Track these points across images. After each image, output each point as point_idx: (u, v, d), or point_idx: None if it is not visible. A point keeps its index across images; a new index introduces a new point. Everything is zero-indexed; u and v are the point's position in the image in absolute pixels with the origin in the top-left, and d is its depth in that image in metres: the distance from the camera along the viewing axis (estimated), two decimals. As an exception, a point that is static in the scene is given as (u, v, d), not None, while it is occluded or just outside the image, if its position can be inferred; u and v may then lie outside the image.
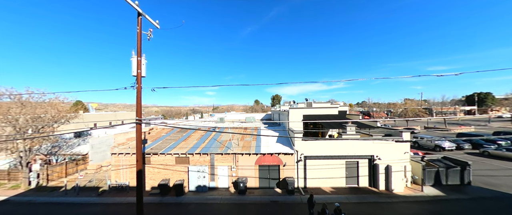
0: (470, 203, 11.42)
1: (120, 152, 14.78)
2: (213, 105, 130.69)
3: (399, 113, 58.78)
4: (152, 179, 14.57)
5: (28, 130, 16.77)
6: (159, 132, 19.92)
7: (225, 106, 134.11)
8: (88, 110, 48.78)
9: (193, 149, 14.88)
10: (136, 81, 8.05)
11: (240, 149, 14.74)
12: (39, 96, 17.29)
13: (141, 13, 7.99)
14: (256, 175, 14.42)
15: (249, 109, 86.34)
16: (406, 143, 13.78)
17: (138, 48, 8.06)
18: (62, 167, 17.96)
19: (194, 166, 14.26)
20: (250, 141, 16.46)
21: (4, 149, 16.17)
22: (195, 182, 14.20)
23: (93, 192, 14.34)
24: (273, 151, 14.29)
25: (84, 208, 12.29)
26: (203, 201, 12.72)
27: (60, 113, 17.86)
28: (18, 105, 16.19)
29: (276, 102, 76.23)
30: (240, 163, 14.39)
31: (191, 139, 17.37)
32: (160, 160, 14.56)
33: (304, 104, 19.28)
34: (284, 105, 35.12)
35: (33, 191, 15.04)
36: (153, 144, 16.26)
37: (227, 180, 14.47)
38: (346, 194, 12.97)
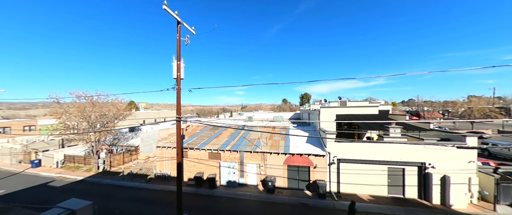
0: None
1: (163, 146, 16.79)
2: (241, 105, 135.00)
3: (460, 113, 48.45)
4: (189, 171, 16.03)
5: (97, 124, 20.78)
6: (195, 129, 21.74)
7: (253, 106, 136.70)
8: (138, 108, 57.04)
9: (224, 146, 15.69)
10: (176, 83, 8.96)
11: (269, 148, 14.77)
12: (104, 97, 21.20)
13: (180, 21, 8.83)
14: (285, 175, 14.21)
15: (276, 108, 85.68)
16: (472, 150, 11.26)
17: (177, 54, 8.94)
18: (120, 156, 21.54)
19: (225, 162, 15.02)
20: (279, 140, 16.31)
21: (82, 140, 20.48)
22: (226, 177, 14.96)
23: (142, 179, 16.73)
24: (302, 151, 13.80)
25: (136, 192, 14.47)
26: (233, 196, 13.29)
27: (119, 111, 21.48)
28: (90, 105, 20.21)
29: (305, 101, 73.29)
30: (269, 161, 14.42)
31: (222, 136, 18.35)
32: (196, 155, 15.88)
33: (337, 103, 17.91)
34: (313, 104, 33.47)
35: (100, 174, 18.54)
36: (189, 140, 17.86)
37: (255, 177, 14.73)
38: (388, 205, 11.49)
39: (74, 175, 18.21)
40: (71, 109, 19.86)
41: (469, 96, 56.10)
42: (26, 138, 27.94)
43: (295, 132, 18.34)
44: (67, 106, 20.12)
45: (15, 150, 23.18)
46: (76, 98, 20.17)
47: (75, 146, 24.90)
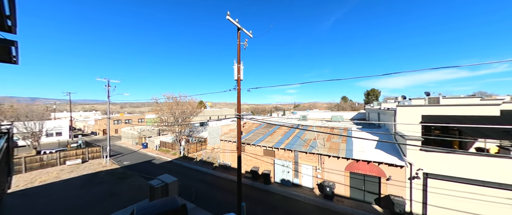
0: None
1: (225, 139, 19.13)
2: (294, 103, 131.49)
3: None
4: (245, 164, 17.41)
5: (179, 119, 26.52)
6: (250, 126, 23.33)
7: (306, 104, 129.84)
8: (206, 107, 67.73)
9: (278, 144, 15.90)
10: (236, 84, 9.95)
11: (327, 150, 13.59)
12: (184, 98, 26.76)
13: (240, 28, 9.71)
14: (346, 183, 12.60)
15: (334, 107, 77.09)
16: None
17: (238, 57, 9.89)
18: (194, 145, 26.44)
19: (279, 160, 15.18)
20: (339, 142, 14.66)
21: (170, 131, 26.77)
22: (279, 175, 15.11)
23: (209, 166, 19.79)
24: (370, 158, 11.73)
25: (205, 176, 17.31)
26: (287, 194, 13.23)
27: (193, 109, 26.48)
28: (175, 104, 26.08)
29: (372, 98, 61.54)
30: (326, 165, 13.28)
31: (276, 134, 18.64)
32: (252, 150, 17.02)
33: (424, 101, 13.83)
34: (385, 102, 27.67)
35: (182, 158, 23.52)
36: (246, 136, 19.37)
37: (311, 180, 13.97)
38: (520, 251, 7.75)
39: (166, 157, 24.12)
40: (164, 107, 26.45)
41: None
42: (139, 127, 39.77)
43: (360, 134, 15.84)
44: (162, 105, 26.95)
45: (134, 135, 33.52)
46: (167, 99, 26.64)
47: (166, 134, 32.92)
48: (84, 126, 58.90)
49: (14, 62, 4.82)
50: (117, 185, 15.21)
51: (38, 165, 19.38)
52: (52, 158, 20.22)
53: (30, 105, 30.06)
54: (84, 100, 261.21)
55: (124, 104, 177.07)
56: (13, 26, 2.70)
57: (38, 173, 18.05)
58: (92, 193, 13.71)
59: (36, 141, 24.09)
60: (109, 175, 17.60)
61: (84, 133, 50.15)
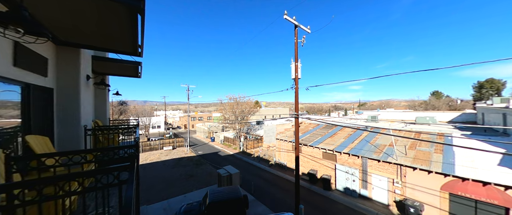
0: None
1: (281, 139, 19.26)
2: (359, 101, 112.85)
3: None
4: (302, 166, 16.73)
5: (239, 117, 29.30)
6: (307, 126, 22.21)
7: (376, 102, 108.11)
8: (261, 106, 70.96)
9: (340, 148, 14.20)
10: (294, 83, 9.73)
11: (410, 161, 10.73)
12: (242, 98, 29.30)
13: (297, 25, 9.42)
14: (443, 207, 9.43)
15: (420, 105, 59.29)
16: None
17: (295, 55, 9.63)
18: (252, 142, 28.37)
19: (342, 166, 13.52)
20: (430, 152, 11.20)
21: (232, 128, 30.10)
22: (342, 183, 13.45)
23: (266, 163, 20.58)
24: (491, 178, 8.19)
25: (262, 172, 18.15)
26: (352, 206, 11.58)
27: (251, 108, 28.49)
28: (236, 104, 29.00)
29: (488, 93, 42.49)
30: (409, 179, 10.49)
31: (338, 136, 16.71)
32: (309, 151, 16.15)
33: None
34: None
35: (241, 153, 25.86)
36: (302, 136, 18.61)
37: (386, 194, 11.51)
38: None
39: (228, 150, 27.33)
40: (227, 106, 30.09)
41: None
42: (208, 123, 47.31)
43: (468, 143, 11.36)
44: (225, 105, 30.77)
45: (204, 130, 40.20)
46: (229, 100, 30.14)
47: (228, 131, 37.34)
48: (172, 122, 77.17)
49: (139, 76, 6.96)
50: (195, 169, 18.81)
51: (148, 148, 27.24)
52: (156, 144, 27.82)
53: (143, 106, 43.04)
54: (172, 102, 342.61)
55: (197, 104, 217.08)
56: (141, 51, 3.91)
57: (148, 154, 25.38)
58: (180, 173, 17.71)
59: (147, 131, 34.00)
60: (189, 160, 22.08)
61: (172, 127, 65.76)
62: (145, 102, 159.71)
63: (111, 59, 5.39)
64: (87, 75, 4.82)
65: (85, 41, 3.58)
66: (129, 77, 7.20)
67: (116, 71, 6.53)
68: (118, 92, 7.10)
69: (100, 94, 6.72)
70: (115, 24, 2.79)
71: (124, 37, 3.31)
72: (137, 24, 2.70)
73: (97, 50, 4.23)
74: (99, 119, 6.38)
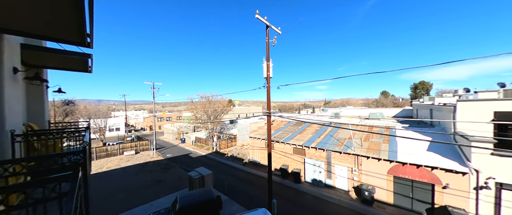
0: None
1: (254, 137, 19.54)
2: (324, 100, 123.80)
3: None
4: (274, 162, 17.40)
5: (212, 117, 28.41)
6: (279, 124, 23.15)
7: (338, 101, 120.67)
8: (234, 105, 70.36)
9: (308, 142, 15.31)
10: (266, 81, 9.98)
11: (365, 151, 12.37)
12: (215, 97, 28.51)
13: (268, 25, 9.68)
14: (389, 188, 11.24)
15: (372, 103, 69.06)
16: None
17: (267, 55, 9.89)
18: (225, 142, 27.91)
19: (310, 159, 14.62)
20: (379, 143, 13.15)
21: (204, 128, 28.98)
22: (310, 175, 14.56)
23: (239, 162, 20.58)
24: (422, 161, 10.14)
25: (235, 171, 18.10)
26: (319, 195, 12.67)
27: (224, 107, 27.95)
28: (208, 103, 28.01)
29: (421, 93, 52.58)
30: (364, 167, 12.11)
31: (306, 132, 17.97)
32: (281, 148, 16.89)
33: (498, 94, 11.05)
34: (439, 96, 23.32)
35: (214, 153, 25.17)
36: (274, 134, 19.31)
37: (346, 182, 13.00)
38: None
39: (200, 151, 26.23)
40: (198, 105, 28.77)
41: None
42: (178, 124, 44.34)
43: (407, 133, 13.82)
44: (196, 104, 29.36)
45: (173, 131, 37.54)
46: (200, 99, 28.88)
47: (200, 131, 35.80)
48: (135, 123, 69.22)
49: (89, 71, 6.00)
50: (162, 174, 17.37)
51: (105, 154, 23.78)
52: (114, 149, 24.49)
53: (97, 106, 37.28)
54: (134, 101, 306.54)
55: (165, 104, 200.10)
56: (91, 42, 3.36)
57: (105, 161, 22.17)
58: (145, 179, 16.05)
59: (102, 135, 29.62)
60: (156, 165, 20.26)
61: (135, 129, 58.99)
62: (99, 101, 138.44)
63: (49, 49, 4.44)
64: (14, 67, 3.87)
65: (12, 25, 2.86)
66: (78, 72, 6.11)
67: (58, 64, 5.44)
68: (60, 90, 5.92)
69: (35, 92, 5.49)
70: (51, 5, 2.32)
71: (66, 24, 2.79)
72: (83, 7, 2.30)
73: (31, 37, 3.43)
74: (34, 121, 5.23)
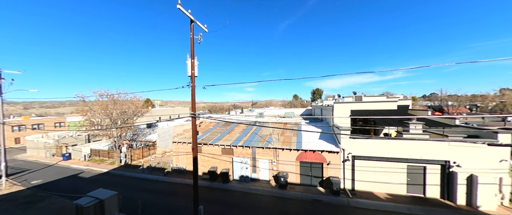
0: None
1: (178, 141, 17.52)
2: (252, 101, 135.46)
3: (491, 108, 44.43)
4: (203, 166, 16.61)
5: (118, 121, 22.20)
6: (208, 125, 22.34)
7: (263, 102, 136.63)
8: (154, 106, 59.71)
9: (236, 142, 15.98)
10: (190, 80, 9.24)
11: (281, 144, 14.78)
12: (124, 95, 22.50)
13: (193, 20, 9.01)
14: (297, 171, 14.18)
15: (287, 104, 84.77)
16: (505, 148, 10.34)
17: (191, 52, 9.18)
18: (140, 151, 22.89)
19: (238, 157, 15.32)
20: (291, 136, 16.23)
21: (105, 135, 22.05)
22: (238, 172, 15.30)
23: (160, 172, 17.68)
24: (315, 148, 13.63)
25: (155, 184, 15.37)
26: (246, 190, 13.59)
27: (137, 108, 22.73)
28: (112, 103, 21.60)
29: (316, 97, 71.58)
30: (281, 157, 14.46)
31: (234, 132, 18.67)
32: (209, 150, 16.38)
33: (352, 98, 17.29)
34: (326, 99, 32.62)
35: (123, 167, 19.90)
36: (203, 135, 18.43)
37: (268, 173, 14.88)
38: (407, 204, 11.04)
39: (100, 168, 19.75)
40: (95, 106, 21.39)
41: (501, 89, 51.16)
42: (57, 133, 30.70)
43: (307, 128, 18.10)
44: (92, 104, 21.70)
45: (49, 144, 25.61)
46: (99, 97, 21.68)
47: (99, 141, 26.89)
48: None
49: None
50: (22, 213, 11.26)
51: None
52: None
53: None
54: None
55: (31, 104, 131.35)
56: None
57: None
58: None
59: None
60: (9, 201, 12.78)
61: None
62: None
63: None
64: None
65: None
66: None
67: None
68: None
69: None
70: None
71: None
72: None
73: None
74: None
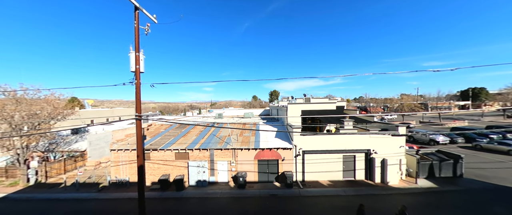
0: (462, 195, 11.88)
1: (119, 148, 14.78)
2: (211, 101, 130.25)
3: (395, 108, 59.70)
4: (152, 175, 14.67)
5: (24, 127, 16.59)
6: (158, 128, 19.89)
7: (223, 102, 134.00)
8: (84, 106, 48.23)
9: (192, 145, 14.96)
10: (134, 77, 8.01)
11: (239, 144, 14.88)
12: (34, 92, 17.01)
13: (138, 7, 7.86)
14: (255, 170, 14.64)
15: (247, 105, 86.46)
16: (402, 137, 14.11)
17: (136, 43, 7.97)
18: (61, 164, 17.89)
19: (194, 161, 14.38)
20: (249, 136, 16.61)
21: (3, 147, 16.01)
22: (195, 177, 14.36)
23: (93, 188, 14.39)
24: (272, 146, 14.47)
25: (84, 204, 12.37)
26: (203, 195, 12.92)
27: (56, 109, 17.64)
28: (13, 102, 15.94)
29: (274, 98, 76.46)
30: (239, 158, 14.56)
31: (190, 134, 17.43)
32: (160, 156, 14.63)
33: (303, 100, 19.43)
34: (282, 101, 35.25)
35: (32, 188, 15.02)
36: (152, 140, 16.27)
37: (226, 174, 14.67)
38: (343, 187, 13.32)
39: (-11, 193, 14.15)
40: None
41: (401, 94, 69.81)
42: None
43: (265, 127, 19.01)
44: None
45: None
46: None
47: (-12, 155, 19.22)
48: None
49: None
50: None
51: None
52: None
53: None
54: None
55: None
56: None
57: None
58: None
59: None
60: None
61: None
62: None
63: None
64: None
65: None
66: None
67: None
68: None
69: None
70: None
71: None
72: None
73: None
74: None
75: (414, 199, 11.58)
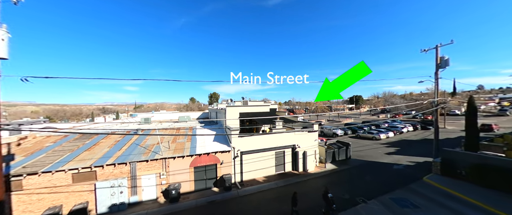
0: (349, 171, 16.57)
1: None
2: (135, 103, 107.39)
3: (313, 110, 75.00)
4: (30, 211, 10.02)
5: None
6: (41, 142, 13.94)
7: (152, 105, 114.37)
8: None
9: (103, 160, 11.64)
10: (-15, 65, 5.29)
11: (172, 152, 13.21)
12: None
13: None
14: (192, 178, 13.50)
15: (183, 107, 78.62)
16: (316, 132, 17.83)
17: (-11, 15, 5.29)
18: None
19: (105, 181, 11.21)
20: (184, 142, 15.13)
21: None
22: (107, 202, 11.19)
23: None
24: (210, 150, 13.92)
25: None
26: (120, 222, 10.30)
27: None
28: None
29: (214, 100, 74.30)
30: (172, 167, 12.91)
31: (100, 146, 13.48)
32: (44, 181, 10.27)
33: (241, 103, 20.19)
34: (221, 103, 34.94)
35: None
36: (28, 159, 11.15)
37: (155, 190, 12.53)
38: (275, 181, 14.94)
39: None
40: None
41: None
42: None
43: (202, 131, 18.04)
44: None
45: None
46: None
47: None
48: None
49: None
50: None
51: None
52: None
53: None
54: None
55: None
56: None
57: None
58: None
59: None
60: None
61: None
62: None
63: None
64: None
65: None
66: None
67: None
68: None
69: None
70: None
71: None
72: None
73: None
74: None
75: (325, 180, 14.89)
